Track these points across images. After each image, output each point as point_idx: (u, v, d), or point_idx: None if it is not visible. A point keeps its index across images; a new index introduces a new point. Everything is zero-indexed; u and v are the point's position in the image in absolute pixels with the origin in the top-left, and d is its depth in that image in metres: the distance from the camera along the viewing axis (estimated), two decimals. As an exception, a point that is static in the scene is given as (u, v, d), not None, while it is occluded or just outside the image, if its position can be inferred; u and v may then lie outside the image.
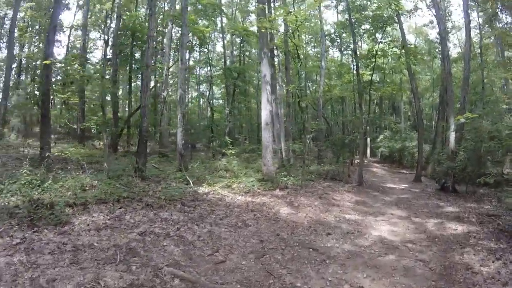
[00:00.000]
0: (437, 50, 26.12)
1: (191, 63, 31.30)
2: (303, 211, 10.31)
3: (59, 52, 34.82)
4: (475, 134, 14.01)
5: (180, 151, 15.35)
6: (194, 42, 28.48)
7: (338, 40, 29.76)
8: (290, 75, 24.67)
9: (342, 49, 30.96)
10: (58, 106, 30.16)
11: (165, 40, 24.08)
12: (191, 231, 7.28)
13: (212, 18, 27.05)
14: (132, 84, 29.55)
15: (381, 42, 16.79)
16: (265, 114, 14.67)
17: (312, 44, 35.88)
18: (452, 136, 15.34)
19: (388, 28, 18.74)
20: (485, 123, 14.80)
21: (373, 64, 15.98)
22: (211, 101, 33.11)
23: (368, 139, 36.34)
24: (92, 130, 23.69)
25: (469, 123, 14.45)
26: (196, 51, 29.58)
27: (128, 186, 9.86)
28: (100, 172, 10.92)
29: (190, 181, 12.35)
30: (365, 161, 32.91)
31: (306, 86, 37.12)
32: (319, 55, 31.02)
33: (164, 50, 24.18)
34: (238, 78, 27.93)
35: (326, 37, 27.83)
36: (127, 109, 30.60)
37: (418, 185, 18.48)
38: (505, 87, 27.03)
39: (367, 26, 17.59)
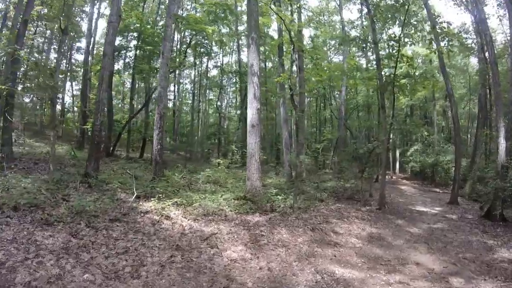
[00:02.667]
0: (472, 42, 20.71)
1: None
2: (267, 255, 6.34)
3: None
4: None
5: (156, 157, 12.58)
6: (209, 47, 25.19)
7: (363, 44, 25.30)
8: (303, 78, 20.58)
9: (368, 53, 26.43)
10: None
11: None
12: (42, 267, 4.55)
13: (225, 21, 23.53)
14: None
15: (406, 22, 12.23)
16: (251, 114, 10.84)
17: (334, 51, 31.57)
18: (502, 146, 10.89)
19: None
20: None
21: (397, 53, 11.54)
22: (219, 108, 29.47)
23: (398, 153, 31.23)
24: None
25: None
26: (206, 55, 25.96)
27: (53, 193, 7.85)
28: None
29: (135, 193, 9.24)
30: (394, 177, 28.54)
31: (331, 95, 32.76)
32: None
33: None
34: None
35: (351, 42, 23.51)
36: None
37: (454, 209, 13.75)
38: None
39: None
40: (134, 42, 22.52)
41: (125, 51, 22.02)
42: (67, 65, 24.58)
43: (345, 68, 23.96)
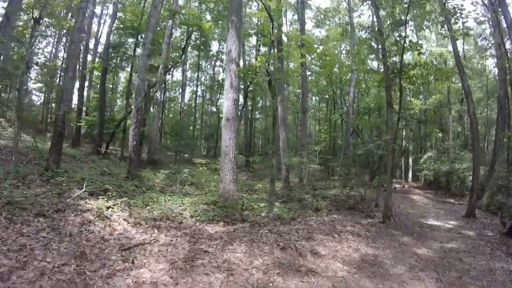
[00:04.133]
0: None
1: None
2: (193, 282, 4.56)
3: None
4: None
5: (130, 154, 11.31)
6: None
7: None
8: (306, 75, 18.54)
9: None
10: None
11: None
12: None
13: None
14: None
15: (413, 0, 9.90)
16: (227, 106, 9.00)
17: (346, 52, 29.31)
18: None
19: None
20: None
21: (403, 39, 9.34)
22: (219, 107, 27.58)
23: (410, 160, 28.52)
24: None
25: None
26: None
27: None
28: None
29: (83, 188, 7.87)
30: (406, 186, 25.72)
31: (341, 98, 30.39)
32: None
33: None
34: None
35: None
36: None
37: (472, 224, 11.37)
38: None
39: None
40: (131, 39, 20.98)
41: (122, 48, 20.57)
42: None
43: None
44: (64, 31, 25.58)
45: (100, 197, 7.59)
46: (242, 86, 27.54)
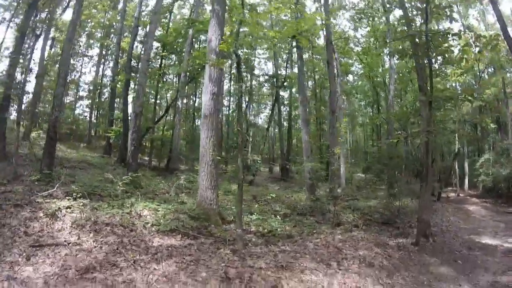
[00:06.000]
0: None
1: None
2: None
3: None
4: None
5: (128, 159, 10.94)
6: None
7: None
8: (335, 73, 16.13)
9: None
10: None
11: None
12: None
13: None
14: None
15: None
16: (205, 101, 7.46)
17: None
18: None
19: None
20: None
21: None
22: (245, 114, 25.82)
23: (466, 165, 24.16)
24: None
25: None
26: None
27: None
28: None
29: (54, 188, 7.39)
30: (461, 194, 21.81)
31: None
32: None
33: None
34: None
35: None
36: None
37: None
38: None
39: None
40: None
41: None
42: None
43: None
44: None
45: (67, 198, 6.95)
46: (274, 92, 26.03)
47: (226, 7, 9.49)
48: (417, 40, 7.13)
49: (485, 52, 7.26)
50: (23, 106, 17.81)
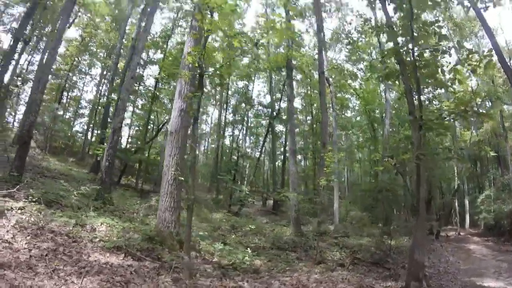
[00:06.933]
0: None
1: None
2: None
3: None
4: None
5: (102, 175, 10.44)
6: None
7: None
8: (325, 103, 15.53)
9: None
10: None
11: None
12: None
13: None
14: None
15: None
16: (172, 117, 6.70)
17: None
18: None
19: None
20: None
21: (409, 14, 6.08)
22: (237, 143, 25.19)
23: (467, 202, 22.99)
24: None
25: None
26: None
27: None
28: None
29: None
30: (461, 233, 20.58)
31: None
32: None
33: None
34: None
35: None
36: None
37: None
38: None
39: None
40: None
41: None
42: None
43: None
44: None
45: (36, 204, 6.67)
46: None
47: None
48: (404, 57, 6.54)
49: (478, 71, 6.53)
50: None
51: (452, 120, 6.09)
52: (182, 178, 5.58)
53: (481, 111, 15.69)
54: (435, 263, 9.97)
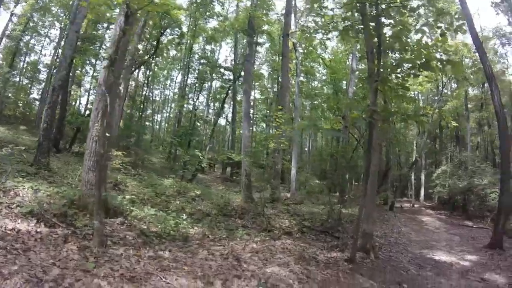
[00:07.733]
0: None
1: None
2: None
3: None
4: None
5: (39, 138, 9.24)
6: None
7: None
8: (287, 67, 14.59)
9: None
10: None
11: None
12: None
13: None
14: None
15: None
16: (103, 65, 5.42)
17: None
18: None
19: None
20: None
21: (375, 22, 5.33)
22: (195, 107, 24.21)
23: (423, 176, 23.69)
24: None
25: None
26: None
27: None
28: None
29: None
30: (416, 205, 21.17)
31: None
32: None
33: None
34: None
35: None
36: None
37: (499, 259, 7.20)
38: None
39: None
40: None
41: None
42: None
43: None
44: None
45: None
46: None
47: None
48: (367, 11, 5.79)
49: (448, 36, 5.93)
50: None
51: (412, 75, 5.45)
52: (109, 134, 4.66)
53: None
54: (386, 233, 9.76)
